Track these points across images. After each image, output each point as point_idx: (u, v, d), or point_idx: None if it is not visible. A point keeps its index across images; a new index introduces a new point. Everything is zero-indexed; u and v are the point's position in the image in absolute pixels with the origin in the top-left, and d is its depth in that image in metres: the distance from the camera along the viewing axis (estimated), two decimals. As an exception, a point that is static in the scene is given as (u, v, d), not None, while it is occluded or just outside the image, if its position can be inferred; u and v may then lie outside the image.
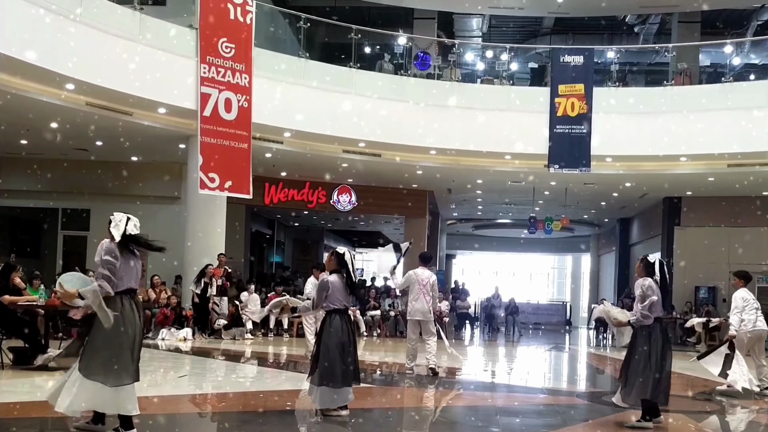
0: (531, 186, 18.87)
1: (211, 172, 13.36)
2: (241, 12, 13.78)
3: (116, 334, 5.32)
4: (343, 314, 6.62)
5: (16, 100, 11.79)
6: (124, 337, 5.35)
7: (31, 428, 5.79)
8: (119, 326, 5.34)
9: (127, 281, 5.51)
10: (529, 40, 23.30)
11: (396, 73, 16.75)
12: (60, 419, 6.34)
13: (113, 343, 5.36)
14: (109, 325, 5.26)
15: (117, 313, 5.34)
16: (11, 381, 8.02)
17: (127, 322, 5.39)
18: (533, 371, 13.12)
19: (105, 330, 5.29)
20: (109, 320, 5.22)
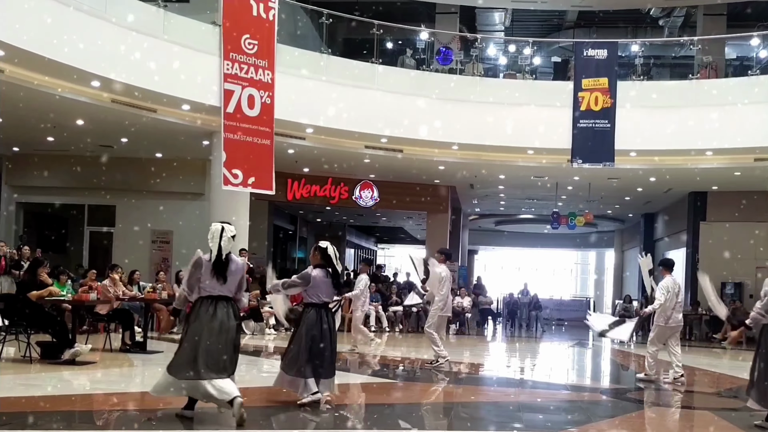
0: (554, 181, 18.75)
1: (234, 168, 13.43)
2: (264, 8, 13.81)
3: (190, 333, 5.79)
4: (320, 308, 6.70)
5: (43, 97, 11.95)
6: (195, 336, 5.73)
7: (58, 422, 5.87)
8: (194, 327, 5.78)
9: (210, 289, 5.87)
10: (552, 34, 23.14)
11: (418, 68, 16.72)
12: (86, 413, 6.44)
13: (182, 341, 5.90)
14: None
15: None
16: (39, 375, 8.14)
17: (201, 323, 5.76)
18: (556, 367, 13.06)
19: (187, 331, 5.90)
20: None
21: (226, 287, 5.89)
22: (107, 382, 8.16)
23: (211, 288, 5.87)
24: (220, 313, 5.79)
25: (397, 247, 36.96)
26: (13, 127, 14.49)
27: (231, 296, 5.93)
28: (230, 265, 5.93)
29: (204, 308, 5.81)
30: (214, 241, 5.95)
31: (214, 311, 5.78)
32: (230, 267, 5.92)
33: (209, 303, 5.83)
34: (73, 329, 9.66)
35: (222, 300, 5.85)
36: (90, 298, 10.12)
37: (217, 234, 5.97)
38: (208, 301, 5.83)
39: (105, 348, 10.56)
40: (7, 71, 10.99)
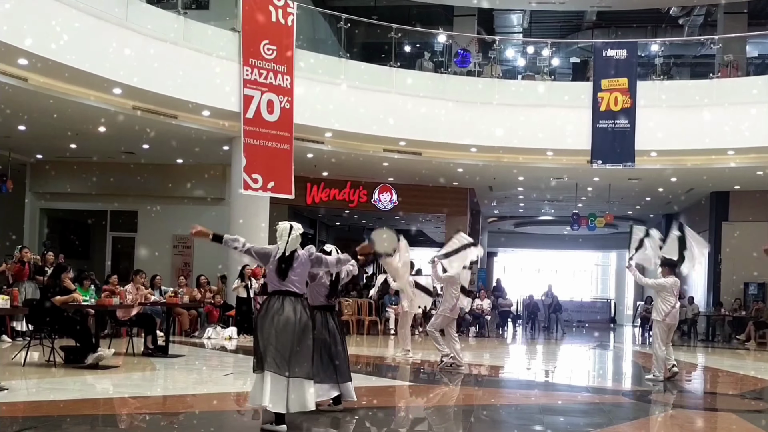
0: (573, 182, 18.68)
1: (254, 173, 13.53)
2: (283, 14, 13.91)
3: (259, 327, 5.84)
4: (326, 311, 6.67)
5: (65, 104, 12.12)
6: (265, 331, 5.78)
7: (81, 425, 5.95)
8: (260, 322, 5.85)
9: (273, 284, 6.01)
10: (570, 34, 23.05)
11: (436, 71, 16.73)
12: (110, 416, 6.52)
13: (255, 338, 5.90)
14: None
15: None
16: (63, 379, 8.24)
17: (268, 319, 5.82)
18: (577, 369, 13.00)
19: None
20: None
21: (288, 283, 5.95)
22: (130, 386, 8.24)
23: (273, 283, 5.99)
24: (287, 309, 5.85)
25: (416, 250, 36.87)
26: (37, 135, 14.71)
27: (299, 293, 6.00)
28: (294, 262, 6.01)
29: (271, 303, 5.91)
30: (282, 238, 6.08)
31: (281, 306, 5.86)
32: (293, 264, 6.00)
33: (276, 298, 5.93)
34: (96, 334, 9.78)
35: (289, 296, 5.92)
36: (113, 302, 10.23)
37: (285, 232, 6.10)
38: (275, 297, 5.94)
39: (128, 352, 10.66)
40: (31, 80, 11.16)
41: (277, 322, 5.77)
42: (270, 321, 5.79)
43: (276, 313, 5.81)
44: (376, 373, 10.25)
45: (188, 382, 8.85)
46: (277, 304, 5.86)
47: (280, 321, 5.77)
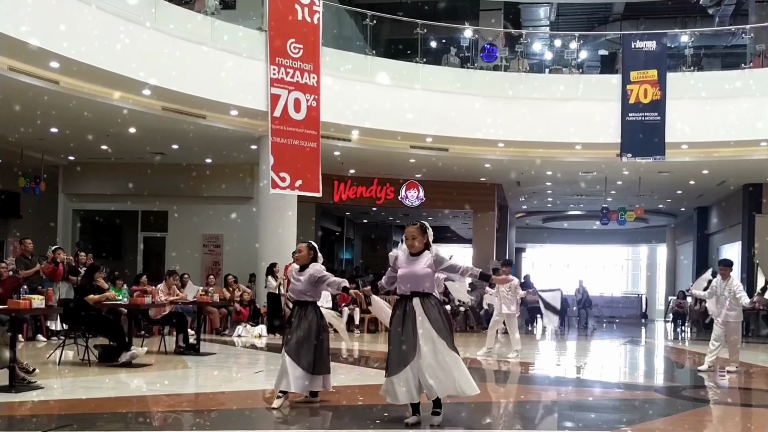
0: (603, 176, 18.50)
1: (281, 171, 13.61)
2: (309, 12, 13.96)
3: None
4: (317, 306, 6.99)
5: (96, 106, 12.28)
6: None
7: (116, 423, 6.04)
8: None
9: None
10: (598, 27, 22.80)
11: (462, 66, 16.66)
12: (143, 414, 6.61)
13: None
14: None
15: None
16: (97, 377, 8.36)
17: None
18: (608, 365, 12.88)
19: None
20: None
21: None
22: (162, 384, 8.34)
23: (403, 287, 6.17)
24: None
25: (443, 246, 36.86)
26: (69, 137, 14.94)
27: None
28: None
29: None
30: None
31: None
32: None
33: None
34: (129, 333, 9.91)
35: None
36: (145, 302, 10.36)
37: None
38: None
39: (160, 350, 10.80)
40: (62, 82, 11.33)
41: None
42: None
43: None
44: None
45: (219, 379, 8.93)
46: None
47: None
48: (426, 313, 5.82)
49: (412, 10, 18.38)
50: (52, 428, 5.65)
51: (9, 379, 6.95)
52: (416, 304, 5.86)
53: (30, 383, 7.19)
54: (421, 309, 5.84)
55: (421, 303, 5.87)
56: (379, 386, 6.08)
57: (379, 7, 17.25)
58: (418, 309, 5.84)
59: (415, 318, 5.82)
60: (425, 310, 5.83)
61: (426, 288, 5.91)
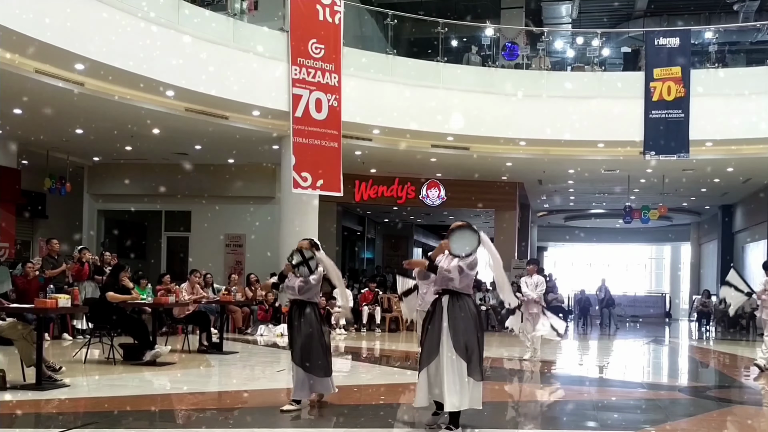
0: (626, 174, 18.36)
1: (303, 171, 13.67)
2: (330, 13, 14.01)
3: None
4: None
5: (121, 107, 12.41)
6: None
7: (140, 420, 6.11)
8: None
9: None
10: (621, 23, 22.63)
11: (483, 64, 16.61)
12: (167, 412, 6.68)
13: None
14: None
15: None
16: (122, 376, 8.47)
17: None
18: (631, 365, 12.79)
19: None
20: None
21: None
22: (186, 382, 8.42)
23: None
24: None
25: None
26: (94, 138, 15.12)
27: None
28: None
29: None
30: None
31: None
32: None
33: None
34: (154, 332, 10.01)
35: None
36: (169, 301, 10.47)
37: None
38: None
39: (183, 349, 10.90)
40: (87, 84, 11.46)
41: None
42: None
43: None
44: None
45: (242, 378, 9.00)
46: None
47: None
48: (451, 314, 5.63)
49: (434, 9, 18.37)
50: (78, 425, 5.73)
51: (36, 377, 7.05)
52: (444, 303, 5.71)
53: (56, 381, 7.29)
54: (447, 309, 5.67)
55: (449, 302, 5.70)
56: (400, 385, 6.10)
57: (400, 7, 17.27)
58: (445, 308, 5.68)
59: (441, 318, 5.67)
60: (449, 311, 5.65)
61: (455, 286, 5.69)
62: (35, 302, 7.79)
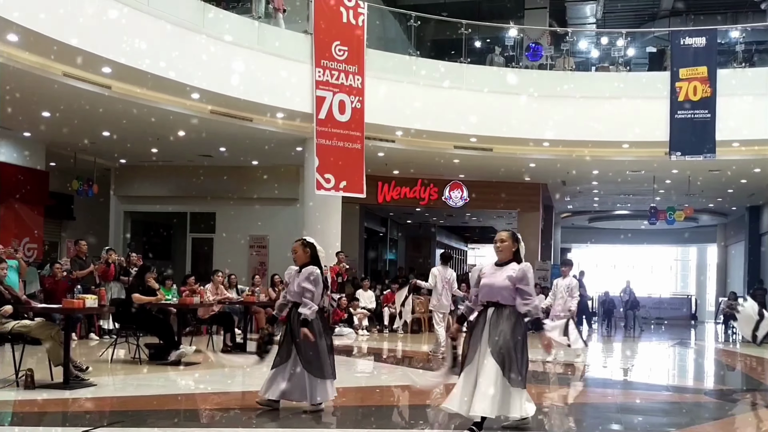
0: (651, 175, 18.21)
1: (326, 173, 13.74)
2: (354, 15, 14.07)
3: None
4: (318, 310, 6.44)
5: (147, 110, 12.56)
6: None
7: (165, 420, 6.17)
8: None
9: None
10: (646, 23, 22.46)
11: (507, 65, 16.58)
12: (192, 411, 6.75)
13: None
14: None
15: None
16: (147, 375, 8.57)
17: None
18: (656, 368, 12.68)
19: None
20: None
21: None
22: (210, 382, 8.50)
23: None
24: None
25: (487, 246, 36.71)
26: (120, 141, 15.31)
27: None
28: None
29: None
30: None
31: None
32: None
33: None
34: (178, 332, 10.11)
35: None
36: (194, 301, 10.57)
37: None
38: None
39: (208, 349, 10.99)
40: (114, 87, 11.62)
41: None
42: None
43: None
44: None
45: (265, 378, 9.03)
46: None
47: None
48: (493, 324, 5.52)
49: (457, 10, 18.36)
50: (104, 424, 5.81)
51: (63, 376, 7.16)
52: (488, 315, 5.57)
53: (83, 381, 7.38)
54: (490, 320, 5.55)
55: (495, 314, 5.56)
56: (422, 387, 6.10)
57: (423, 8, 17.27)
58: (488, 320, 5.55)
59: (483, 329, 5.55)
60: (492, 322, 5.52)
61: (502, 299, 5.55)
62: (63, 302, 7.92)
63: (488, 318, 5.58)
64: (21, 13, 9.18)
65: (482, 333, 5.56)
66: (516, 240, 5.69)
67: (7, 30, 9.41)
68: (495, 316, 5.55)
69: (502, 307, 5.56)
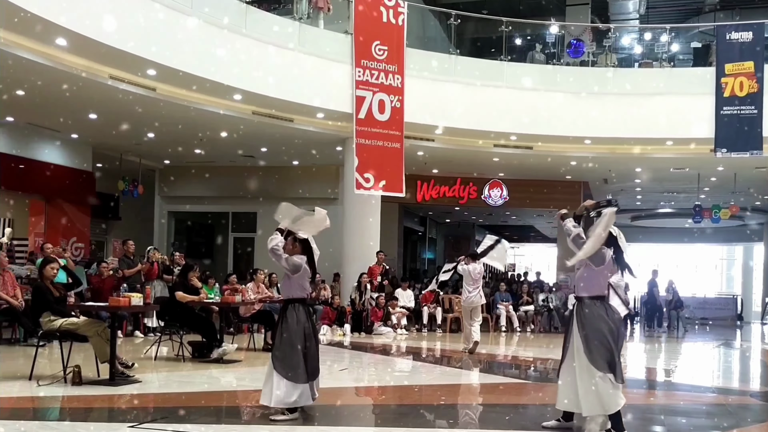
0: (695, 172, 17.89)
1: (366, 172, 13.80)
2: (393, 14, 14.11)
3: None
4: (305, 305, 6.22)
5: (190, 112, 12.78)
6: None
7: (208, 416, 6.28)
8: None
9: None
10: (691, 18, 22.04)
11: (548, 62, 16.44)
12: (234, 408, 6.86)
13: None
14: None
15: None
16: (190, 372, 8.71)
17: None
18: (700, 369, 12.46)
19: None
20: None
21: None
22: (251, 380, 8.59)
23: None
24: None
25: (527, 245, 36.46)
26: (165, 142, 15.60)
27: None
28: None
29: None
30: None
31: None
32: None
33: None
34: (220, 330, 10.27)
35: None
36: (236, 300, 10.72)
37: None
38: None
39: (249, 347, 11.14)
40: (159, 89, 11.85)
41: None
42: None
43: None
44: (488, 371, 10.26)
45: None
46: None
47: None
48: (579, 320, 5.43)
49: (497, 8, 18.25)
50: (148, 420, 5.94)
51: (109, 373, 7.33)
52: (575, 311, 5.54)
53: (129, 377, 7.54)
54: (576, 316, 5.49)
55: (578, 309, 5.51)
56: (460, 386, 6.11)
57: (463, 6, 17.23)
58: (575, 317, 5.50)
59: (571, 327, 5.51)
60: (578, 318, 5.45)
61: (580, 290, 5.49)
62: (109, 301, 8.10)
63: (575, 315, 5.53)
64: (68, 17, 9.42)
65: (572, 332, 5.54)
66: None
67: (55, 34, 9.67)
68: (579, 311, 5.49)
69: (583, 301, 5.51)
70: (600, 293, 5.48)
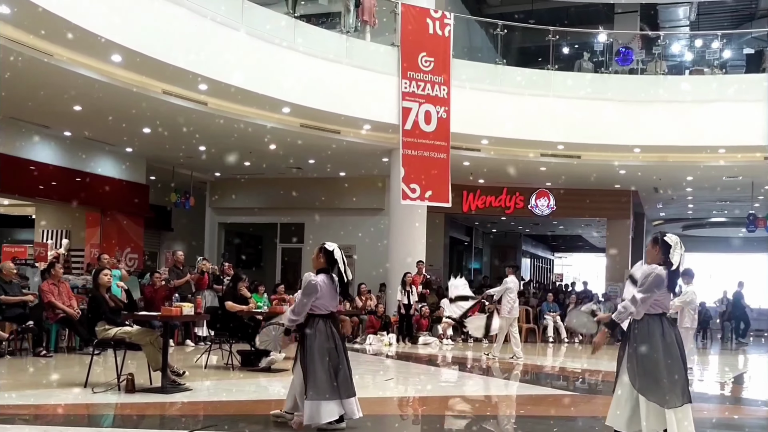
0: (749, 180, 17.47)
1: (412, 183, 13.86)
2: (440, 26, 14.18)
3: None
4: (328, 319, 6.11)
5: (240, 125, 13.04)
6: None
7: (256, 425, 6.38)
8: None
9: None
10: (743, 24, 21.58)
11: (596, 71, 16.27)
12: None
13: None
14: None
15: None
16: (239, 381, 8.87)
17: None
18: (755, 382, 12.14)
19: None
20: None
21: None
22: (300, 389, 8.69)
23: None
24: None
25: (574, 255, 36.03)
26: (215, 155, 15.92)
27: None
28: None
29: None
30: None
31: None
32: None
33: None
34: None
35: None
36: (284, 310, 10.84)
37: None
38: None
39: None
40: (210, 103, 12.13)
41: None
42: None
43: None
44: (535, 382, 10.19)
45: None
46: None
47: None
48: (631, 338, 5.27)
49: (544, 17, 18.18)
50: (199, 428, 6.07)
51: (161, 381, 7.51)
52: (630, 323, 5.33)
53: (180, 385, 7.71)
54: (629, 333, 5.32)
55: (631, 326, 5.32)
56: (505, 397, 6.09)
57: (509, 16, 17.17)
58: (628, 333, 5.33)
59: (625, 344, 5.34)
60: (631, 335, 5.30)
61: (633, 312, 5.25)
62: (161, 310, 8.30)
63: (628, 332, 5.36)
64: (123, 35, 9.72)
65: (625, 350, 5.37)
66: (656, 243, 5.30)
67: (110, 51, 9.97)
68: (633, 329, 5.31)
69: (634, 321, 5.32)
70: (661, 311, 5.30)
